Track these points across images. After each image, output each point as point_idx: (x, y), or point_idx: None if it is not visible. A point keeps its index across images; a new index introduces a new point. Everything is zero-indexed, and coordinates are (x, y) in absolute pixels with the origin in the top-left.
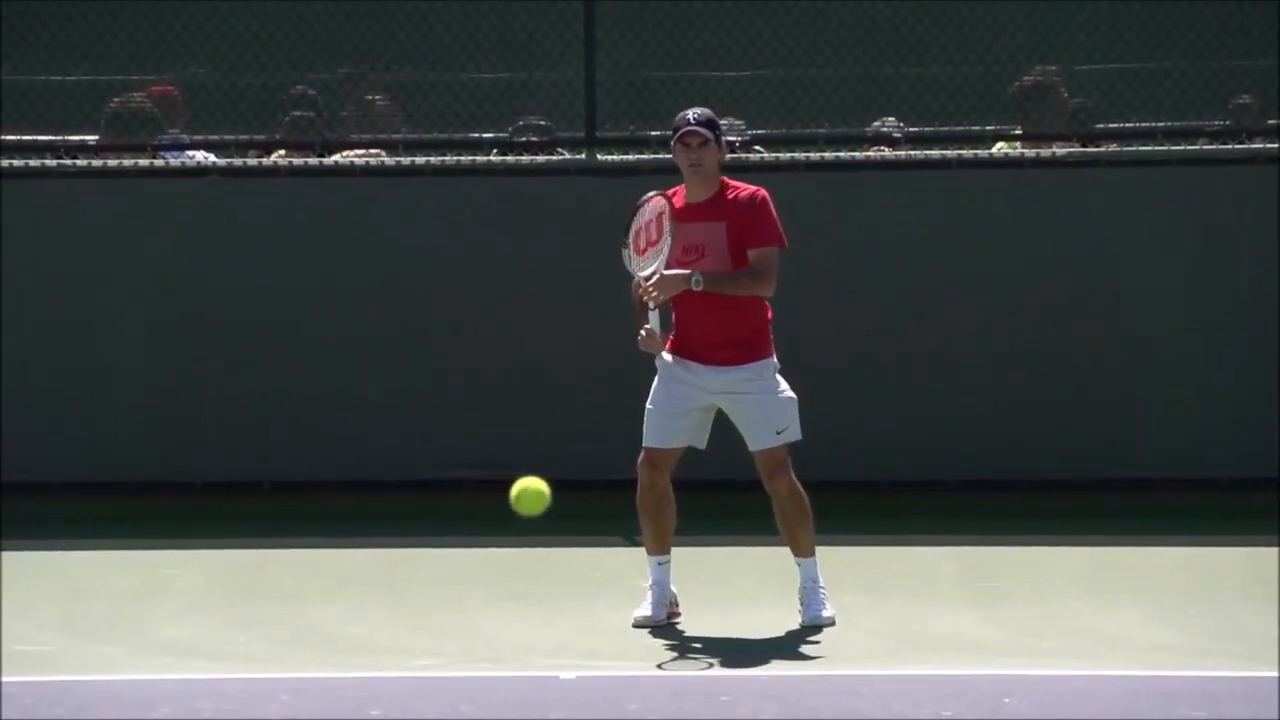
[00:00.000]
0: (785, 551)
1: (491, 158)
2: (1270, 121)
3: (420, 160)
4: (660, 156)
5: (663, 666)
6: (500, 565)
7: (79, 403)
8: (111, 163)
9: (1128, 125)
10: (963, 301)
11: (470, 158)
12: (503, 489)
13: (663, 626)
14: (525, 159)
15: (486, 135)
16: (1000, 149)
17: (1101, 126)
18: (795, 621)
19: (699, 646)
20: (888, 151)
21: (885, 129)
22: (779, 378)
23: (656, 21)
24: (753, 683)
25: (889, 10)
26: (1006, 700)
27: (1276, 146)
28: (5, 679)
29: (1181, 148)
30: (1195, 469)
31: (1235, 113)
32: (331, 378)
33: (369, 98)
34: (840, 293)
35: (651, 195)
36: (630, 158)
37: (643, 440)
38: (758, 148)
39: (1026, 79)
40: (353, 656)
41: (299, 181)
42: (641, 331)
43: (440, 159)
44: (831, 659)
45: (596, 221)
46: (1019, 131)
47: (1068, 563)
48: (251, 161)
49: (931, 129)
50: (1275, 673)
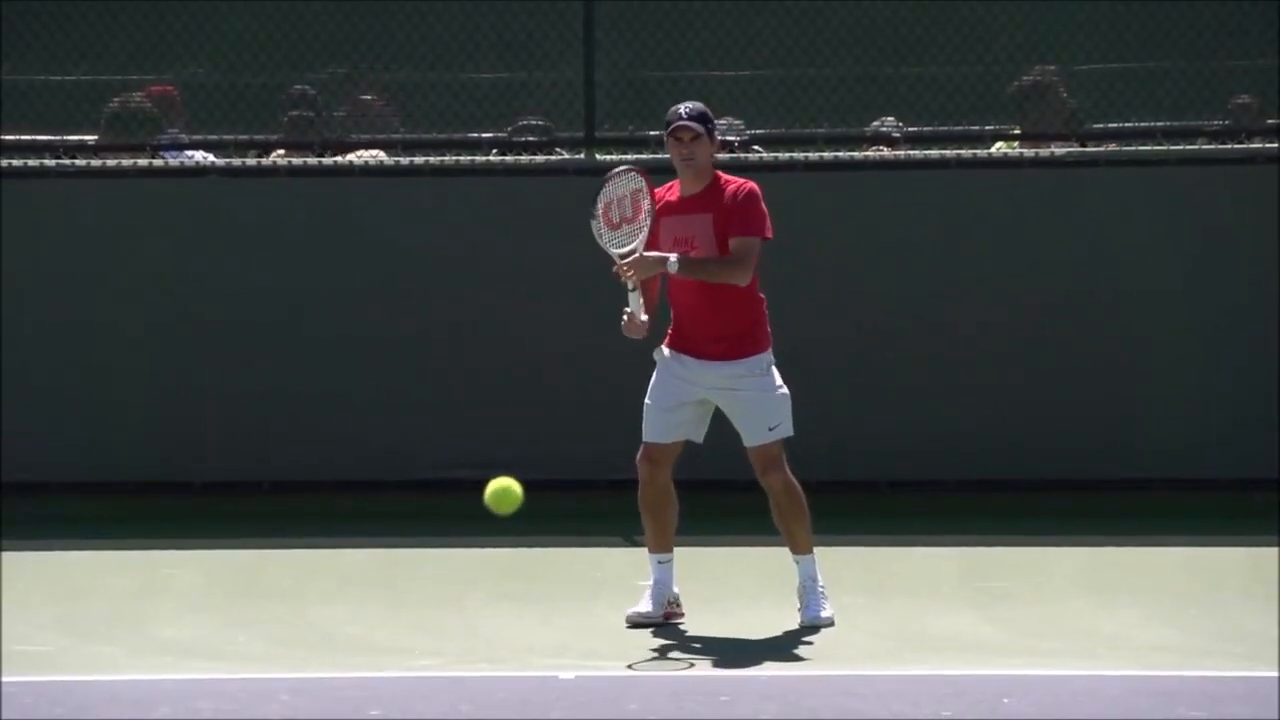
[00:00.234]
0: (785, 551)
1: (491, 158)
2: (1269, 121)
3: (419, 160)
4: (659, 156)
5: (662, 666)
6: (500, 565)
7: (79, 403)
8: (111, 163)
9: (1127, 125)
10: (962, 301)
11: (469, 158)
12: None
13: (664, 626)
14: (524, 159)
15: (486, 135)
16: (999, 149)
17: (1101, 126)
18: (795, 621)
19: (699, 646)
20: (887, 151)
21: (884, 129)
22: (774, 372)
23: (656, 21)
24: (753, 683)
25: (888, 10)
26: (1006, 700)
27: (1276, 146)
28: (5, 679)
29: (1181, 148)
30: (1195, 469)
31: (1234, 113)
32: (331, 377)
33: (366, 98)
34: (840, 293)
35: (625, 168)
36: (629, 158)
37: (642, 436)
38: (757, 147)
39: (1026, 79)
40: (352, 656)
41: (298, 181)
42: (623, 315)
43: (439, 159)
44: (831, 659)
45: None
46: (1017, 131)
47: (1068, 563)
48: (251, 161)
49: (930, 129)
50: (1275, 673)
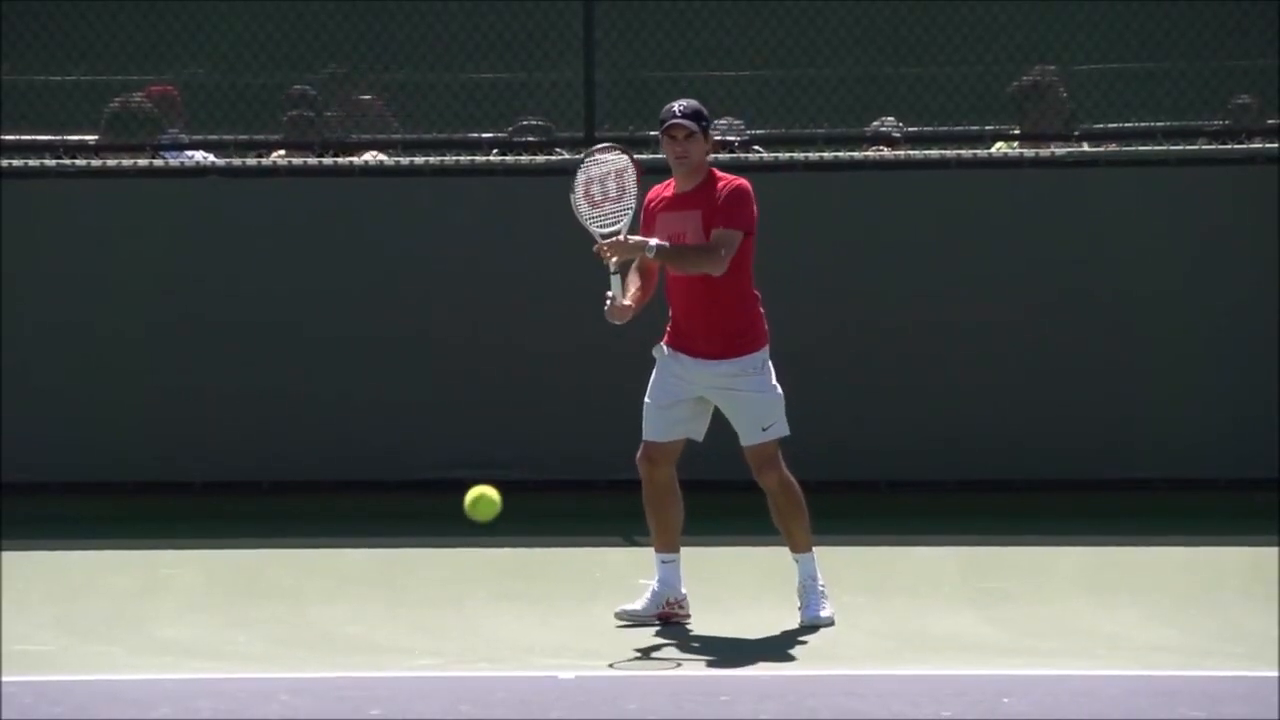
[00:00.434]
0: (785, 551)
1: (491, 158)
2: (1270, 121)
3: (420, 160)
4: (659, 156)
5: (662, 666)
6: (500, 565)
7: (79, 403)
8: (111, 163)
9: (1127, 125)
10: (962, 301)
11: (470, 158)
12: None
13: (665, 626)
14: (524, 159)
15: (486, 135)
16: (999, 149)
17: (1101, 126)
18: (795, 621)
19: (699, 646)
20: (887, 151)
21: (884, 129)
22: (769, 371)
23: (656, 21)
24: (753, 683)
25: (888, 10)
26: (1006, 700)
27: (1276, 146)
28: (5, 679)
29: (1181, 148)
30: (1195, 469)
31: (1234, 113)
32: (331, 377)
33: (365, 98)
34: (840, 293)
35: (607, 145)
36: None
37: (642, 435)
38: (757, 148)
39: (1026, 79)
40: (352, 656)
41: (298, 181)
42: (605, 300)
43: (440, 159)
44: (831, 659)
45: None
46: (1017, 131)
47: (1068, 563)
48: (251, 161)
49: (930, 129)
50: (1275, 673)
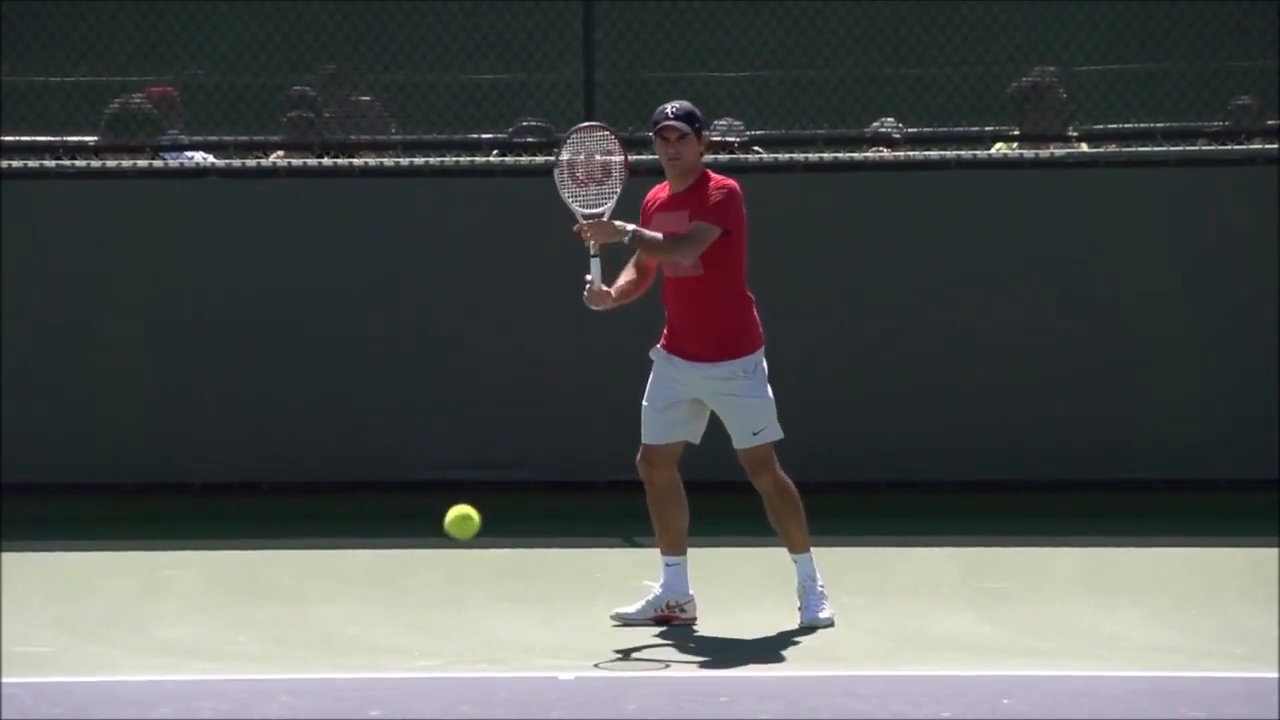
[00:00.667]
0: (785, 552)
1: (491, 159)
2: (1269, 122)
3: (420, 161)
4: (656, 157)
5: (662, 667)
6: (500, 565)
7: (79, 403)
8: (111, 164)
9: (1127, 126)
10: (962, 302)
11: (469, 159)
12: (502, 489)
13: (665, 626)
14: (524, 160)
15: (485, 136)
16: (999, 149)
17: (1101, 127)
18: (795, 621)
19: (699, 647)
20: (886, 152)
21: (884, 130)
22: (760, 374)
23: (656, 22)
24: (753, 683)
25: (888, 11)
26: (1005, 701)
27: (1276, 147)
28: (5, 679)
29: (1181, 149)
30: (1195, 469)
31: (1234, 113)
32: (331, 378)
33: (364, 99)
34: (839, 294)
35: (594, 124)
36: (630, 158)
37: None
38: (757, 149)
39: (1025, 80)
40: (352, 657)
41: (298, 182)
42: (585, 284)
43: (439, 160)
44: (831, 659)
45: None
46: (1016, 132)
47: (1068, 563)
48: (250, 162)
49: (930, 130)
50: (1275, 673)
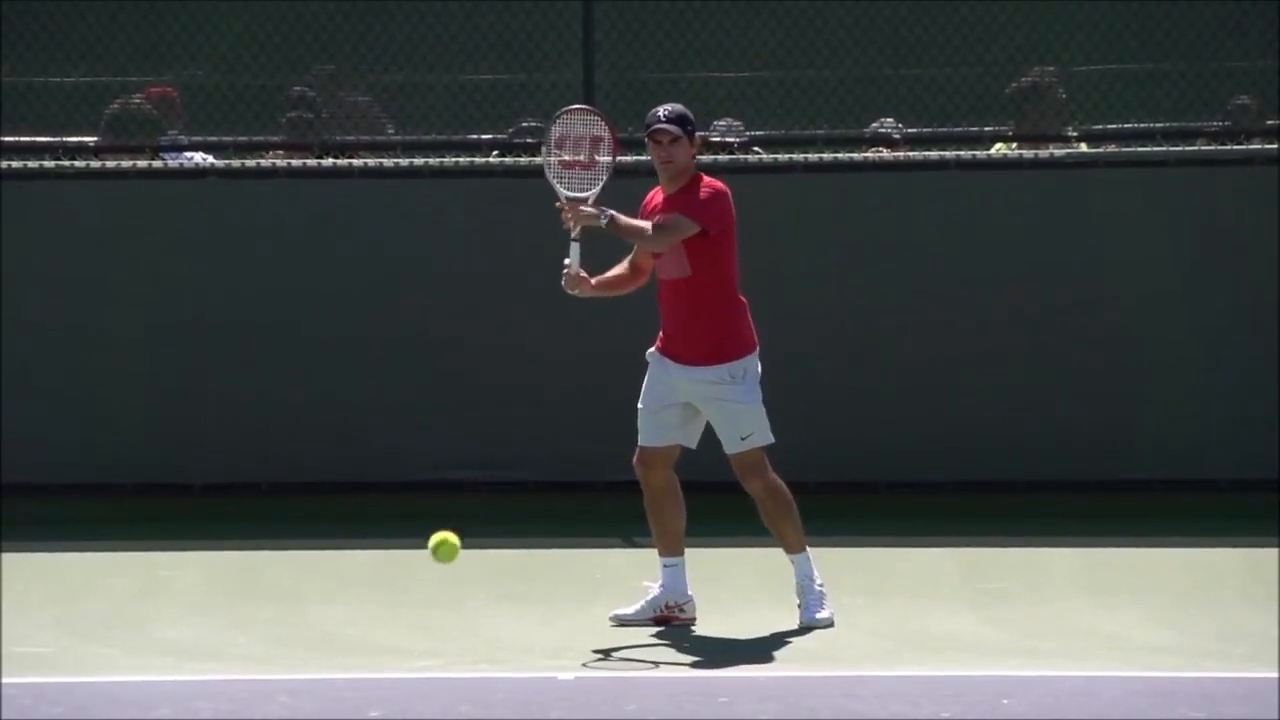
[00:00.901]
0: (783, 552)
1: (490, 159)
2: (1269, 122)
3: (419, 161)
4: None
5: (662, 667)
6: (500, 565)
7: (79, 403)
8: (111, 164)
9: (1126, 126)
10: (962, 302)
11: (469, 159)
12: (502, 490)
13: (665, 626)
14: (524, 160)
15: (485, 136)
16: (999, 150)
17: (1100, 128)
18: (795, 621)
19: (699, 646)
20: (886, 153)
21: (884, 130)
22: (751, 379)
23: (656, 22)
24: (752, 683)
25: (887, 11)
26: (1005, 701)
27: (1275, 147)
28: (4, 680)
29: (1180, 149)
30: (1195, 469)
31: (1234, 114)
32: (330, 379)
33: (358, 98)
34: (839, 294)
35: (585, 108)
36: (629, 159)
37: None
38: (756, 149)
39: (1025, 80)
40: (351, 657)
41: (297, 183)
42: (563, 267)
43: (439, 160)
44: (831, 659)
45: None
46: (1018, 132)
47: (1067, 563)
48: (250, 163)
49: (930, 130)
50: (1274, 673)
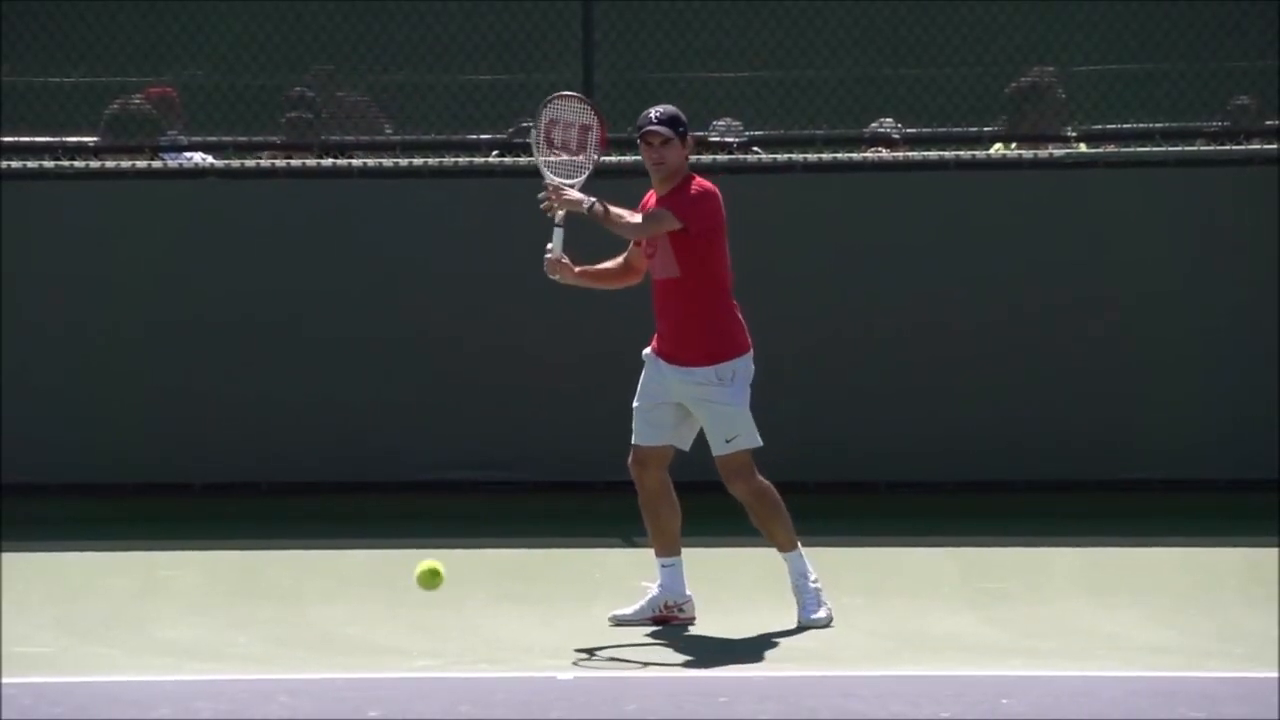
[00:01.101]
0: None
1: (490, 159)
2: (1269, 122)
3: (418, 161)
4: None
5: (662, 667)
6: (499, 565)
7: (79, 403)
8: (110, 164)
9: (1126, 126)
10: (961, 302)
11: (468, 159)
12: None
13: (664, 626)
14: (523, 160)
15: (484, 136)
16: (998, 150)
17: (1100, 128)
18: (793, 622)
19: (698, 647)
20: (885, 153)
21: (883, 130)
22: (740, 380)
23: (655, 22)
24: (752, 683)
25: (887, 11)
26: (1005, 701)
27: (1275, 147)
28: (5, 680)
29: (1180, 149)
30: (1195, 469)
31: (1234, 114)
32: (330, 378)
33: (357, 98)
34: (838, 294)
35: (574, 94)
36: (629, 159)
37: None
38: (756, 149)
39: (1024, 80)
40: (351, 657)
41: (297, 183)
42: (546, 252)
43: (438, 160)
44: (831, 659)
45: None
46: (1014, 132)
47: (1067, 563)
48: (249, 163)
49: (929, 130)
50: (1274, 673)
